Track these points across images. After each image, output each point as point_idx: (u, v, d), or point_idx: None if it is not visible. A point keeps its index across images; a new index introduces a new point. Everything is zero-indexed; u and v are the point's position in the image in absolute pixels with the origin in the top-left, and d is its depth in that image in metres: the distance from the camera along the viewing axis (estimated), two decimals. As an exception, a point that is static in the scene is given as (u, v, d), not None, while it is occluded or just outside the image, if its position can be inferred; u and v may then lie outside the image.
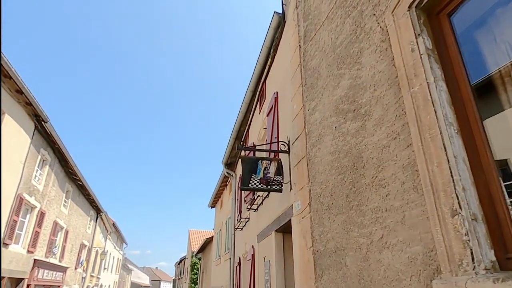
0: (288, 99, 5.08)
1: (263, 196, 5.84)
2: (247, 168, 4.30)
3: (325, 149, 3.49)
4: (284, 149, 4.63)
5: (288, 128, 4.85)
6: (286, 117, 5.09)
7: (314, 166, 3.69)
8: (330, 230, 3.17)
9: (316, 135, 3.76)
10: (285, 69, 5.49)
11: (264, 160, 4.41)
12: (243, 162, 4.31)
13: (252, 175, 4.28)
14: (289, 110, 4.95)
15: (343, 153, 3.10)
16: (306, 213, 3.73)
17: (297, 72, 4.77)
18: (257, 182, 4.24)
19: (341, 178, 3.08)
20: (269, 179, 4.31)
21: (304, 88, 4.39)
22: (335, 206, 3.12)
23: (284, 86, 5.48)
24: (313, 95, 4.05)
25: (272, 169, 4.38)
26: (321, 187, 3.45)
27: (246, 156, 4.36)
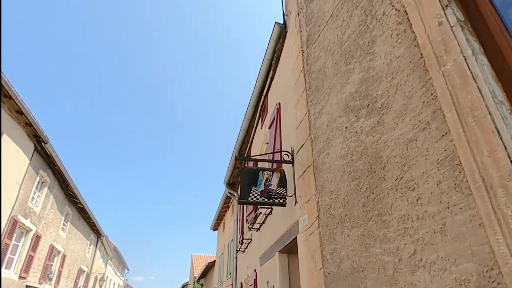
0: (291, 108, 4.66)
1: (266, 214, 5.27)
2: (246, 180, 3.79)
3: (334, 153, 3.00)
4: (287, 159, 4.14)
5: (292, 138, 4.39)
6: (289, 127, 4.65)
7: (322, 174, 3.19)
8: (344, 247, 2.61)
9: (324, 139, 3.28)
10: (287, 79, 5.12)
11: (266, 171, 3.91)
12: (242, 173, 3.81)
13: (252, 187, 3.77)
14: (292, 119, 4.51)
15: (357, 155, 2.61)
16: (314, 229, 3.18)
17: (300, 77, 4.38)
18: (258, 195, 3.72)
19: (356, 184, 2.56)
20: (271, 191, 3.79)
21: (308, 92, 3.97)
22: (350, 218, 2.59)
23: (286, 96, 5.07)
24: (318, 98, 3.62)
25: (275, 181, 3.86)
26: (331, 197, 2.93)
27: (245, 167, 3.86)
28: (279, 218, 4.57)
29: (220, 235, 14.60)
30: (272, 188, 3.81)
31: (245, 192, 3.72)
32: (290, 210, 4.06)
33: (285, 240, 4.15)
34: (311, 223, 3.27)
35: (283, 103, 5.25)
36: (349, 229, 2.57)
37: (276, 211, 4.80)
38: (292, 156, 4.14)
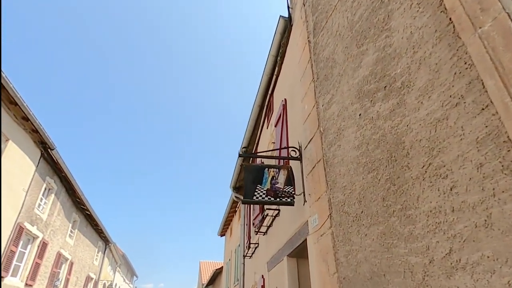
0: (297, 102, 4.36)
1: (273, 216, 4.94)
2: (250, 178, 3.48)
3: (347, 144, 2.68)
4: (295, 155, 3.82)
5: (299, 133, 4.07)
6: (296, 122, 4.33)
7: (334, 169, 2.86)
8: (361, 248, 2.28)
9: (334, 131, 2.97)
10: (294, 74, 4.82)
11: (272, 168, 3.59)
12: (246, 171, 3.50)
13: (257, 185, 3.45)
14: (299, 114, 4.20)
15: (374, 143, 2.29)
16: (325, 229, 2.85)
17: (307, 69, 4.08)
18: (263, 193, 3.39)
19: (373, 176, 2.24)
20: (278, 190, 3.46)
21: (316, 83, 3.67)
22: (367, 215, 2.25)
23: (292, 91, 4.78)
24: (327, 88, 3.31)
25: (282, 179, 3.54)
26: (345, 193, 2.60)
27: (249, 164, 3.55)
28: (287, 220, 4.23)
29: (227, 241, 14.25)
30: (279, 186, 3.49)
31: (249, 191, 3.41)
32: (298, 210, 3.73)
33: (293, 243, 3.82)
34: (322, 222, 2.94)
35: (289, 99, 4.95)
36: (367, 227, 2.24)
37: (284, 212, 4.47)
38: (299, 152, 3.82)
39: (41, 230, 11.70)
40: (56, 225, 12.94)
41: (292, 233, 3.90)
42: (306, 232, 3.36)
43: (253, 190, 3.41)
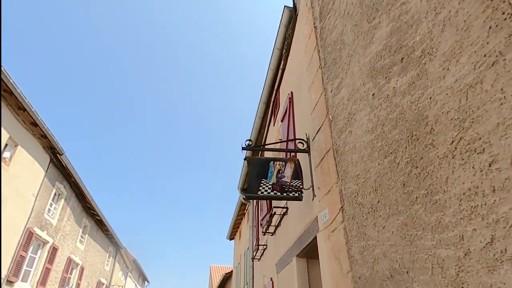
0: (304, 93, 4.10)
1: (281, 214, 4.65)
2: (254, 172, 3.21)
3: (359, 129, 2.40)
4: (302, 147, 3.54)
5: (306, 125, 3.80)
6: (303, 114, 4.07)
7: (345, 157, 2.58)
8: (378, 242, 1.99)
9: (344, 116, 2.69)
10: (300, 65, 4.57)
11: (277, 161, 3.32)
12: (250, 164, 3.23)
13: (262, 180, 3.17)
14: (306, 104, 3.94)
15: (390, 124, 2.01)
16: (337, 224, 2.56)
17: (314, 56, 3.82)
18: (269, 188, 3.12)
19: (391, 160, 1.95)
20: (285, 184, 3.18)
21: (324, 69, 3.40)
22: (384, 205, 1.96)
23: (299, 82, 4.52)
24: (336, 72, 3.04)
25: (288, 172, 3.26)
26: (358, 182, 2.31)
27: (253, 157, 3.29)
28: (296, 218, 3.94)
29: (236, 245, 13.96)
30: (286, 180, 3.21)
31: (253, 186, 3.15)
32: (307, 206, 3.44)
33: (303, 242, 3.52)
34: (333, 217, 2.65)
35: (296, 91, 4.69)
36: (385, 218, 1.94)
37: (292, 209, 4.19)
38: (307, 144, 3.55)
39: (51, 235, 11.63)
40: (66, 230, 12.87)
41: (301, 231, 3.61)
42: (316, 229, 3.07)
43: (258, 185, 3.15)
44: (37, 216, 10.72)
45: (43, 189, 11.06)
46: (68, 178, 12.64)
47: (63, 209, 12.49)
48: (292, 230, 4.11)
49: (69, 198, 12.97)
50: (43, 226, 11.09)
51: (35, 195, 10.50)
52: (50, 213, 11.67)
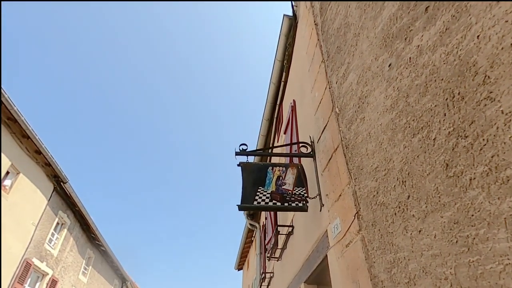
0: (307, 97, 3.66)
1: (287, 233, 4.01)
2: (250, 179, 2.67)
3: (374, 112, 1.88)
4: (306, 152, 3.00)
5: (310, 128, 3.31)
6: (306, 118, 3.60)
7: (358, 150, 2.04)
8: (413, 253, 1.38)
9: (354, 103, 2.18)
10: (302, 68, 4.19)
11: (277, 167, 2.79)
12: (244, 171, 2.70)
13: (259, 188, 2.63)
14: (309, 107, 3.47)
15: (418, 91, 1.48)
16: (352, 235, 1.96)
17: (315, 54, 3.40)
18: (267, 197, 2.57)
19: (423, 137, 1.40)
20: (286, 192, 2.62)
21: (327, 62, 2.96)
22: (418, 199, 1.38)
23: (301, 88, 4.12)
24: (341, 59, 2.58)
25: (290, 179, 2.70)
26: (377, 177, 1.74)
27: (248, 162, 2.76)
28: (302, 236, 3.32)
29: (245, 275, 12.97)
30: (287, 188, 2.65)
31: (249, 195, 2.59)
32: (314, 219, 2.84)
33: (311, 265, 2.88)
34: (347, 227, 2.05)
35: (298, 98, 4.26)
36: (421, 218, 1.35)
37: (298, 227, 3.57)
38: (312, 147, 3.01)
39: (51, 266, 10.92)
40: (68, 261, 12.15)
41: (309, 251, 2.97)
42: (326, 246, 2.45)
43: (254, 194, 2.60)
44: (37, 246, 10.11)
45: (45, 218, 10.54)
46: (72, 207, 12.14)
47: (66, 239, 11.87)
48: (299, 251, 3.47)
49: (73, 227, 12.39)
50: (42, 257, 10.44)
51: (35, 224, 9.97)
52: (51, 243, 11.05)
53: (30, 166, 10.03)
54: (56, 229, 11.43)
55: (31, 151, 10.10)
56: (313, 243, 2.86)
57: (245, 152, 2.84)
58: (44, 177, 10.65)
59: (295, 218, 3.81)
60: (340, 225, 2.16)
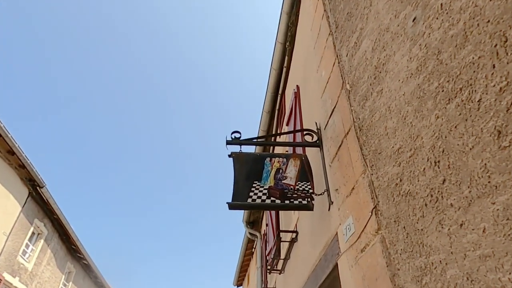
0: (312, 79, 3.49)
1: (290, 240, 3.79)
2: (243, 171, 2.48)
3: (394, 80, 1.67)
4: (311, 141, 2.79)
5: (316, 114, 3.13)
6: (311, 103, 3.44)
7: (375, 131, 1.82)
8: (453, 255, 1.15)
9: (370, 75, 1.98)
10: (307, 48, 4.05)
11: (276, 158, 2.61)
12: (236, 162, 2.51)
13: (254, 182, 2.44)
14: (315, 90, 3.30)
15: (453, 43, 1.26)
16: (369, 236, 1.74)
17: (322, 27, 3.22)
18: (264, 194, 2.37)
19: (462, 101, 1.18)
20: (287, 188, 2.41)
21: (336, 33, 2.77)
22: (458, 183, 1.16)
23: (306, 71, 3.98)
24: (352, 27, 2.38)
25: (292, 172, 2.49)
26: (401, 160, 1.53)
27: (241, 152, 2.57)
28: (308, 241, 3.11)
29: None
30: (288, 182, 2.45)
31: (241, 190, 2.40)
32: (322, 221, 2.64)
33: (318, 277, 2.65)
34: (362, 227, 1.83)
35: (303, 83, 4.09)
36: (462, 208, 1.13)
37: (303, 232, 3.36)
38: (318, 135, 2.80)
39: (24, 282, 10.72)
40: (44, 276, 11.95)
41: (316, 260, 2.76)
42: (336, 252, 2.24)
43: (248, 190, 2.41)
44: (8, 259, 9.91)
45: (18, 227, 10.35)
46: (50, 215, 11.94)
47: (42, 251, 11.66)
48: (304, 261, 3.25)
49: (51, 238, 12.19)
50: (15, 271, 10.23)
51: (7, 234, 9.78)
52: (25, 256, 10.85)
53: (1, 168, 9.85)
54: (32, 239, 11.24)
55: (3, 151, 9.92)
56: (320, 249, 2.65)
57: (238, 141, 2.64)
58: (18, 181, 10.47)
59: (299, 222, 3.62)
60: (353, 225, 1.95)
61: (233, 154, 2.60)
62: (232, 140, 2.66)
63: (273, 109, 6.35)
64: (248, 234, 9.44)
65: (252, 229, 9.29)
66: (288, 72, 5.44)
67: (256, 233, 9.15)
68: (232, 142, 2.66)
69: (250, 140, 2.73)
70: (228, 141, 2.66)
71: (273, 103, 6.26)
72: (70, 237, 13.18)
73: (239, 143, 2.67)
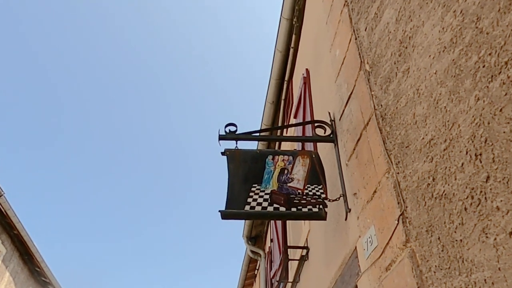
0: (324, 60, 3.56)
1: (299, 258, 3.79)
2: (240, 172, 2.48)
3: (424, 56, 1.68)
4: (323, 135, 2.79)
5: (329, 102, 3.17)
6: (323, 89, 3.52)
7: (401, 119, 1.83)
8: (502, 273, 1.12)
9: (393, 51, 2.00)
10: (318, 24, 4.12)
11: (280, 156, 2.60)
12: (231, 161, 2.51)
13: (253, 186, 2.45)
14: (327, 73, 3.37)
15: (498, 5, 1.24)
16: (395, 250, 1.73)
17: None
18: (265, 200, 2.38)
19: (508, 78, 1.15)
20: (294, 192, 2.40)
21: (352, 4, 2.86)
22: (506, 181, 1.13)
23: (317, 52, 3.99)
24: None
25: (300, 173, 2.48)
26: (433, 154, 1.51)
27: (237, 149, 2.59)
28: (321, 260, 3.12)
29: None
30: (295, 186, 2.44)
31: (237, 196, 2.39)
32: (337, 233, 2.67)
33: (334, 301, 2.64)
34: (386, 239, 1.82)
35: (313, 66, 4.14)
36: (511, 213, 1.09)
37: (316, 248, 3.40)
38: (332, 128, 2.81)
39: (-21, 312, 10.77)
40: (3, 305, 12.00)
41: (331, 283, 2.76)
42: (356, 272, 2.23)
43: (246, 195, 2.41)
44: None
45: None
46: (9, 230, 11.98)
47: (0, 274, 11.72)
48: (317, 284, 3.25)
49: (10, 258, 12.24)
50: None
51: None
52: (-20, 281, 10.90)
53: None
54: (-13, 261, 11.29)
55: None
56: (336, 269, 2.65)
57: (234, 135, 2.65)
58: (-31, 190, 10.54)
59: (311, 235, 3.66)
60: (375, 237, 1.94)
61: (227, 152, 2.60)
62: (226, 134, 2.68)
63: (279, 99, 6.37)
64: (249, 252, 9.46)
65: (255, 246, 9.30)
66: (295, 54, 5.49)
67: (259, 251, 9.17)
68: (226, 136, 2.68)
69: (249, 134, 2.73)
70: (221, 136, 2.66)
71: (278, 92, 6.30)
72: (34, 257, 13.22)
73: (235, 137, 2.68)
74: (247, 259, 10.31)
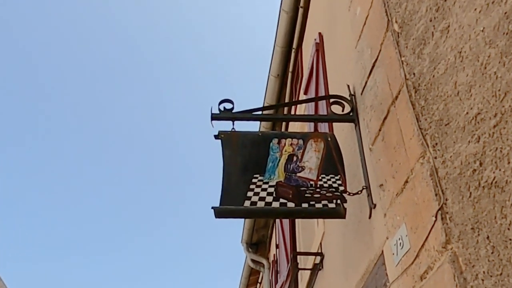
0: (341, 21, 3.80)
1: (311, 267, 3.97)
2: (238, 160, 2.59)
3: (468, 11, 1.81)
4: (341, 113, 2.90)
5: (349, 74, 3.39)
6: (341, 58, 3.69)
7: (439, 90, 1.96)
8: None
9: (429, 6, 2.16)
10: None
11: (287, 139, 2.71)
12: (227, 146, 2.61)
13: (254, 176, 2.56)
14: (345, 40, 3.56)
15: None
16: (433, 254, 1.85)
17: None
18: (268, 193, 2.48)
19: None
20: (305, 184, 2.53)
21: None
22: None
23: (331, 12, 4.18)
24: None
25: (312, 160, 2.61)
26: (480, 133, 1.60)
27: (234, 131, 2.73)
28: (339, 268, 3.29)
29: None
30: (307, 176, 2.57)
31: (234, 188, 2.51)
32: (359, 234, 2.84)
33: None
34: (421, 240, 1.95)
35: (327, 29, 4.39)
36: None
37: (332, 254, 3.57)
38: (351, 104, 2.98)
39: None
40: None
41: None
42: (383, 282, 2.41)
43: (245, 187, 2.52)
44: None
45: None
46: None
47: None
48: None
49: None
50: None
51: None
52: None
53: None
54: None
55: None
56: (358, 279, 2.83)
57: (231, 114, 2.76)
58: None
59: (325, 238, 3.81)
60: (407, 238, 2.07)
61: (221, 134, 2.71)
62: (220, 112, 2.79)
63: (285, 72, 6.63)
64: (249, 262, 9.74)
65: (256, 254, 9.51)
66: (306, 15, 5.70)
67: (262, 260, 9.44)
68: (220, 115, 2.82)
69: (249, 112, 2.83)
70: (214, 115, 2.80)
71: (284, 63, 6.58)
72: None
73: (231, 117, 2.82)
74: (247, 270, 10.57)
